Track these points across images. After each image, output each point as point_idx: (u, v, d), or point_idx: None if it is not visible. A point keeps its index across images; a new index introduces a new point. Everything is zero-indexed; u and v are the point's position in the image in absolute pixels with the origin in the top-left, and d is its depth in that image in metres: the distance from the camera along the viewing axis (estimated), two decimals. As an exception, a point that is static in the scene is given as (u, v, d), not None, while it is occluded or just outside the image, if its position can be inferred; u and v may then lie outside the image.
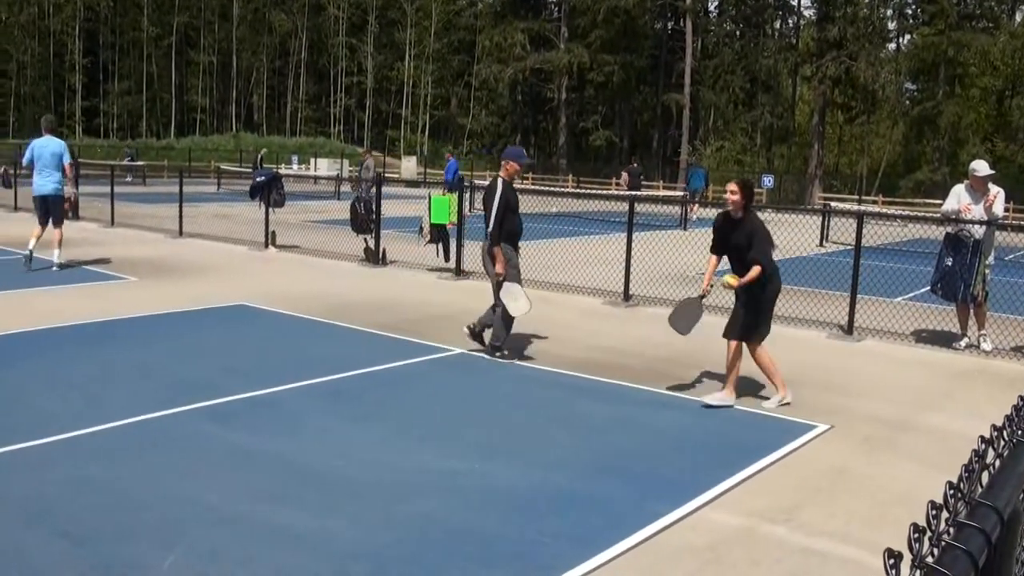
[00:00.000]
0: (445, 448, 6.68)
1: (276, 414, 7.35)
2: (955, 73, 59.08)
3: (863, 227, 12.24)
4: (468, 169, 59.51)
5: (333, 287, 14.16)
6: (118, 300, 12.28)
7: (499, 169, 10.33)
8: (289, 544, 4.96)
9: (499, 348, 9.72)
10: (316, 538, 5.06)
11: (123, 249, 17.63)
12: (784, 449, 6.93)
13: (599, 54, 67.06)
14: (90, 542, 4.89)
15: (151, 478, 5.82)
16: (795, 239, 23.11)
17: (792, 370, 9.69)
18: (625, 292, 13.63)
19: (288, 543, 4.97)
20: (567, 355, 9.93)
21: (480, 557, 4.92)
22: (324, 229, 22.25)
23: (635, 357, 9.96)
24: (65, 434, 6.59)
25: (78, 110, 79.12)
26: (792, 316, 12.69)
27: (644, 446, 6.99)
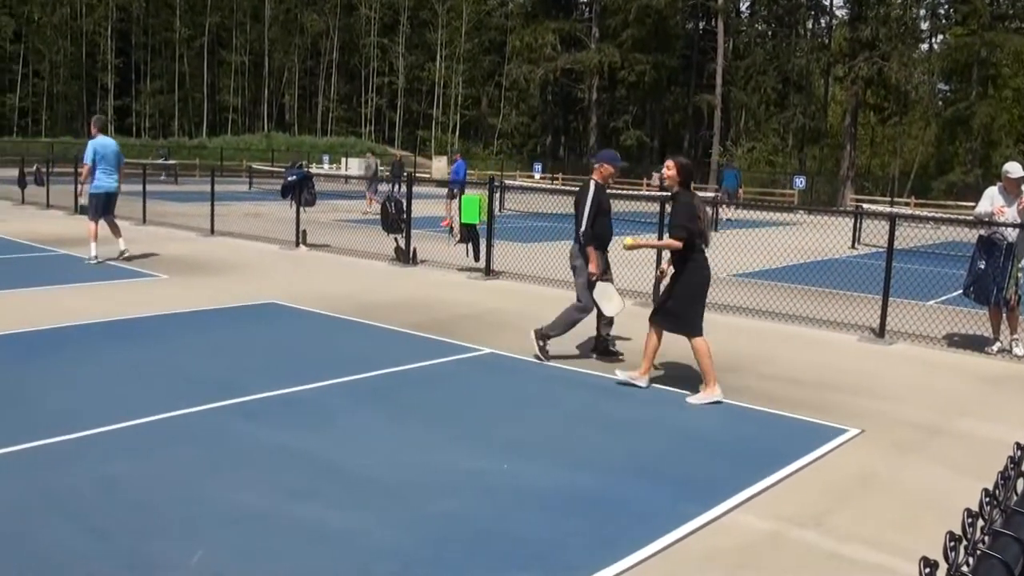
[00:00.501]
0: (474, 447, 6.67)
1: (305, 412, 7.37)
2: (988, 74, 58.54)
3: (895, 229, 12.14)
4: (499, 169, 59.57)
5: (363, 286, 14.19)
6: (149, 297, 12.36)
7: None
8: (317, 541, 4.96)
9: (547, 338, 9.66)
10: (344, 536, 5.06)
11: (154, 247, 17.74)
12: (814, 453, 6.88)
13: (630, 54, 66.94)
14: (116, 538, 4.91)
15: (180, 474, 5.85)
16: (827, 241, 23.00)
17: (823, 373, 9.63)
18: (654, 292, 13.57)
19: (316, 540, 4.97)
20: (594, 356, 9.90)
21: (507, 557, 4.91)
22: (355, 228, 22.33)
23: (663, 358, 9.91)
24: (94, 429, 6.63)
25: (110, 109, 79.76)
26: (824, 319, 12.61)
27: (672, 448, 6.95)
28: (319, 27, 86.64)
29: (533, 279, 15.19)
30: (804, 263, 19.51)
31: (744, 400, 8.35)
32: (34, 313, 10.89)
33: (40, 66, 77.24)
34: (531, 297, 13.65)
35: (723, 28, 65.79)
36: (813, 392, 8.81)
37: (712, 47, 67.92)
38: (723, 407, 8.13)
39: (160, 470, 5.92)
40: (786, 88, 67.20)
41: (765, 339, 11.41)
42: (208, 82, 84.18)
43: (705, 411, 8.00)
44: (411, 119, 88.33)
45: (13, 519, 5.09)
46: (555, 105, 79.18)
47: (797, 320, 12.56)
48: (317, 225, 21.13)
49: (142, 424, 6.83)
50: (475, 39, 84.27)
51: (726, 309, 12.92)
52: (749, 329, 12.01)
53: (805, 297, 14.39)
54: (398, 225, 17.16)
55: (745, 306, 13.28)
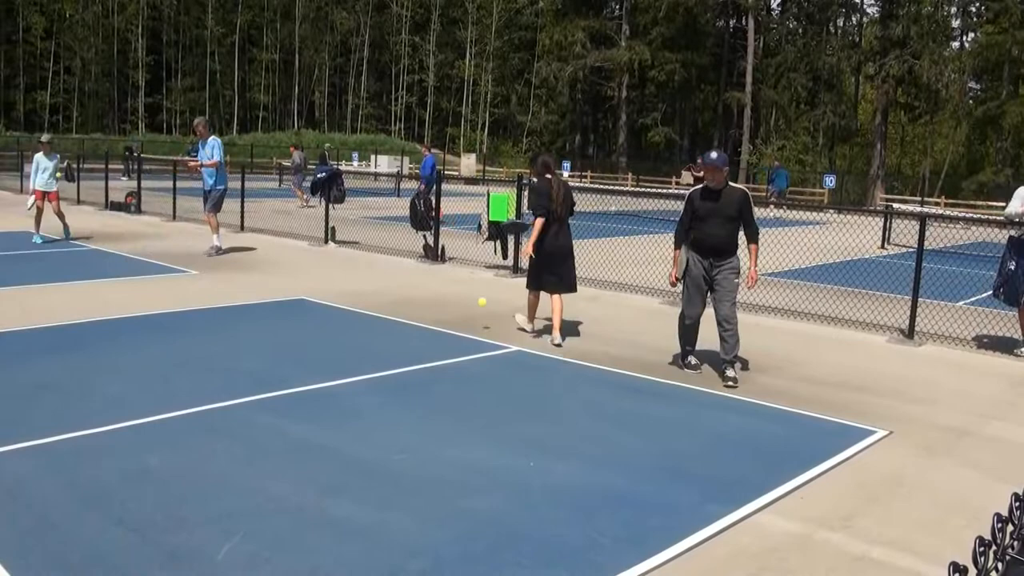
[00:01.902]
0: (503, 445, 6.69)
1: (335, 407, 7.41)
2: (1019, 73, 57.91)
3: (925, 229, 12.06)
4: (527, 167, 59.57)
5: (392, 283, 14.24)
6: (180, 293, 12.46)
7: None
8: (346, 537, 5.00)
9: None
10: (373, 531, 5.09)
11: (185, 243, 17.86)
12: (842, 455, 6.85)
13: (660, 52, 66.76)
14: (146, 529, 4.97)
15: (212, 467, 5.90)
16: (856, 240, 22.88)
17: (851, 374, 9.58)
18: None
19: (345, 536, 5.01)
20: (623, 354, 9.90)
21: (536, 555, 4.92)
22: (383, 225, 22.40)
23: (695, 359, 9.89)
24: (126, 422, 6.70)
25: (141, 106, 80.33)
26: (852, 319, 12.55)
27: (701, 447, 6.94)
28: (350, 25, 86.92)
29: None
30: (833, 263, 19.42)
31: (773, 400, 8.33)
32: (71, 307, 11.01)
33: (71, 63, 77.80)
34: (559, 295, 13.65)
35: (753, 26, 65.50)
36: (842, 393, 8.77)
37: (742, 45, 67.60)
38: (751, 407, 8.11)
39: (193, 463, 5.97)
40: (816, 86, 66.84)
41: (794, 339, 11.37)
42: (239, 79, 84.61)
43: (733, 411, 7.98)
44: (440, 117, 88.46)
45: (47, 510, 5.16)
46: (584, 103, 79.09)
47: (826, 320, 12.51)
48: (346, 222, 21.20)
49: (175, 417, 6.90)
50: (505, 37, 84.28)
51: (756, 309, 12.88)
52: (778, 329, 11.97)
53: (834, 297, 14.32)
54: (427, 223, 17.20)
55: (774, 306, 13.23)
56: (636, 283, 14.46)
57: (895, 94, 60.29)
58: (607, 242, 20.21)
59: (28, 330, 9.79)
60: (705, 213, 9.06)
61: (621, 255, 17.50)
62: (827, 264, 19.11)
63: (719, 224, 8.98)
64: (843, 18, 70.71)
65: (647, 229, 25.01)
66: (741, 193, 9.07)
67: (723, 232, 8.99)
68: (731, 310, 8.97)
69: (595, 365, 9.38)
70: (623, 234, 23.19)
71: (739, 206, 8.98)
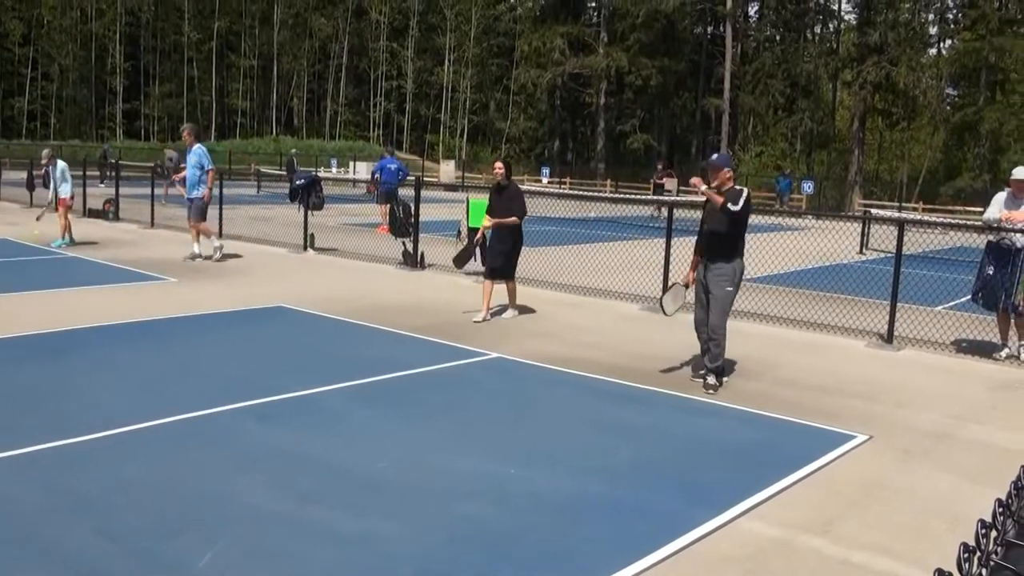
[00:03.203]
0: (485, 452, 6.69)
1: (316, 415, 7.40)
2: (996, 79, 58.34)
3: (904, 234, 12.13)
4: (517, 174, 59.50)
5: (371, 290, 14.23)
6: (158, 300, 12.41)
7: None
8: (330, 545, 4.99)
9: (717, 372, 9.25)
10: (357, 540, 5.08)
11: (163, 250, 17.79)
12: (822, 459, 6.88)
13: (638, 58, 66.84)
14: (127, 539, 4.94)
15: (193, 476, 5.88)
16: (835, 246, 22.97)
17: (830, 379, 9.63)
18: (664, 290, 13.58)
19: (329, 544, 5.00)
20: (603, 360, 9.91)
21: (521, 563, 4.92)
22: (363, 232, 22.36)
23: (672, 363, 9.93)
24: (106, 432, 6.67)
25: (119, 113, 79.87)
26: (831, 324, 12.60)
27: (681, 453, 6.97)
28: (328, 31, 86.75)
29: (541, 283, 15.20)
30: (812, 268, 19.50)
31: (752, 405, 8.36)
32: (49, 315, 10.94)
33: (49, 69, 77.37)
34: (538, 301, 13.66)
35: (731, 33, 65.73)
36: (821, 398, 8.81)
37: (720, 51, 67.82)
38: (731, 412, 8.14)
39: (174, 471, 5.95)
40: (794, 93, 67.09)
41: (773, 344, 11.42)
42: (217, 86, 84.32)
43: (713, 416, 8.01)
44: (419, 123, 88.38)
45: (29, 520, 5.13)
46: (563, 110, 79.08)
47: (805, 325, 12.56)
48: (325, 229, 21.15)
49: (156, 426, 6.87)
50: (483, 43, 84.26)
51: (734, 314, 12.89)
52: (757, 334, 12.01)
53: (813, 302, 14.38)
54: (406, 229, 17.18)
55: (753, 311, 13.28)
56: (616, 289, 14.48)
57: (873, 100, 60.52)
58: (586, 248, 20.23)
59: (6, 339, 9.72)
60: (706, 214, 9.15)
61: (601, 261, 17.52)
62: (806, 269, 19.19)
63: (713, 224, 9.00)
64: (820, 25, 71.06)
65: (626, 235, 25.03)
66: (740, 192, 8.93)
67: (713, 232, 9.00)
68: (717, 319, 8.96)
69: (575, 371, 9.39)
70: (602, 240, 23.21)
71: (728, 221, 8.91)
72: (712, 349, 8.96)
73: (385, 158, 26.54)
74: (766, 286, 16.35)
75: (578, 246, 20.72)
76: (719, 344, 8.95)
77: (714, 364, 8.97)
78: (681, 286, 9.61)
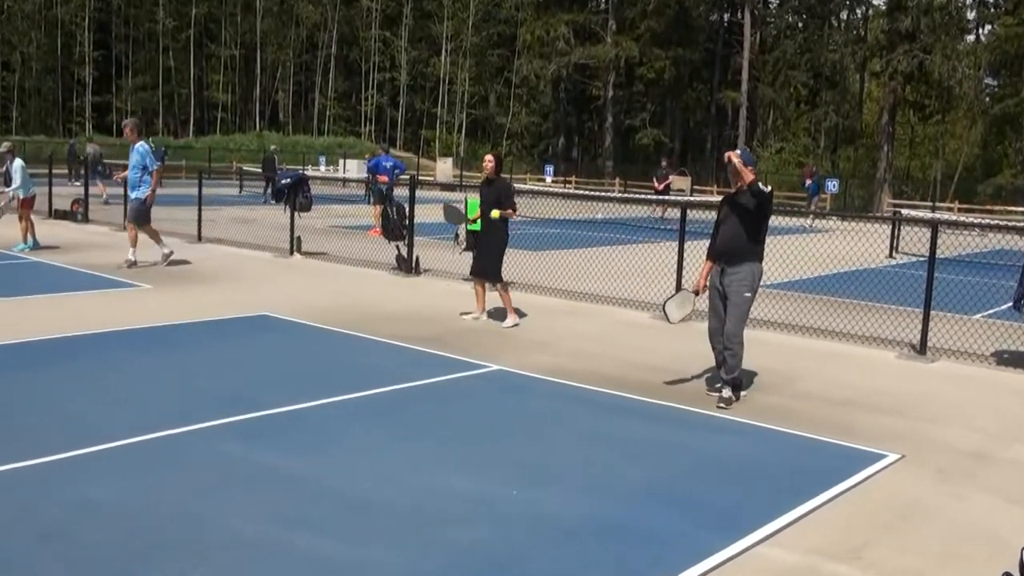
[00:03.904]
0: (484, 471, 6.68)
1: (304, 432, 7.39)
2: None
3: (937, 236, 12.11)
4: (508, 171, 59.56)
5: (363, 297, 14.23)
6: (130, 308, 12.41)
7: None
8: (318, 573, 4.97)
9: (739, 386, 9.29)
10: (348, 566, 5.07)
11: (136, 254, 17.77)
12: (850, 480, 6.86)
13: (649, 48, 66.91)
14: (95, 567, 4.93)
15: (169, 498, 5.86)
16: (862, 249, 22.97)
17: (859, 393, 9.61)
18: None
19: (316, 572, 4.98)
20: (611, 373, 9.90)
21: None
22: (353, 235, 22.37)
23: (685, 375, 9.92)
24: (78, 450, 6.65)
25: (88, 106, 79.76)
26: (859, 334, 12.59)
27: (695, 473, 6.95)
28: (316, 19, 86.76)
29: (545, 290, 15.20)
30: (837, 273, 19.49)
31: (773, 422, 8.34)
32: (11, 325, 10.92)
33: (10, 58, 76.79)
34: (542, 310, 13.66)
35: (750, 20, 65.80)
36: (848, 413, 8.79)
37: (738, 40, 67.95)
38: (748, 428, 8.13)
39: (147, 494, 5.93)
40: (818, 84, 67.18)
41: (795, 356, 11.40)
42: (195, 77, 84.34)
43: (730, 433, 8.00)
44: (414, 118, 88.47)
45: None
46: (568, 103, 79.21)
47: (830, 335, 12.55)
48: (313, 231, 21.17)
49: (127, 445, 6.85)
50: (483, 32, 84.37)
51: (753, 322, 12.91)
52: (778, 345, 12.00)
53: (838, 310, 14.37)
54: (399, 232, 17.18)
55: (774, 319, 13.27)
56: (625, 296, 14.47)
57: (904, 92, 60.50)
58: (593, 252, 20.23)
59: (-34, 350, 9.72)
60: (723, 214, 9.12)
61: (608, 266, 17.52)
62: (830, 274, 19.18)
63: (731, 226, 8.97)
64: (847, 11, 71.10)
65: (636, 238, 25.04)
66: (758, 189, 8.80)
67: (731, 232, 8.96)
68: (734, 327, 8.93)
69: (581, 384, 9.38)
70: (611, 243, 23.23)
71: (755, 205, 8.84)
72: (728, 360, 8.93)
73: (380, 156, 26.53)
74: (787, 292, 16.34)
75: (584, 250, 20.72)
76: (735, 354, 8.93)
77: (729, 376, 8.95)
78: (690, 293, 9.61)
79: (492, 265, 12.51)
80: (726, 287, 8.99)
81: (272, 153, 40.96)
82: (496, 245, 12.50)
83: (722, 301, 9.07)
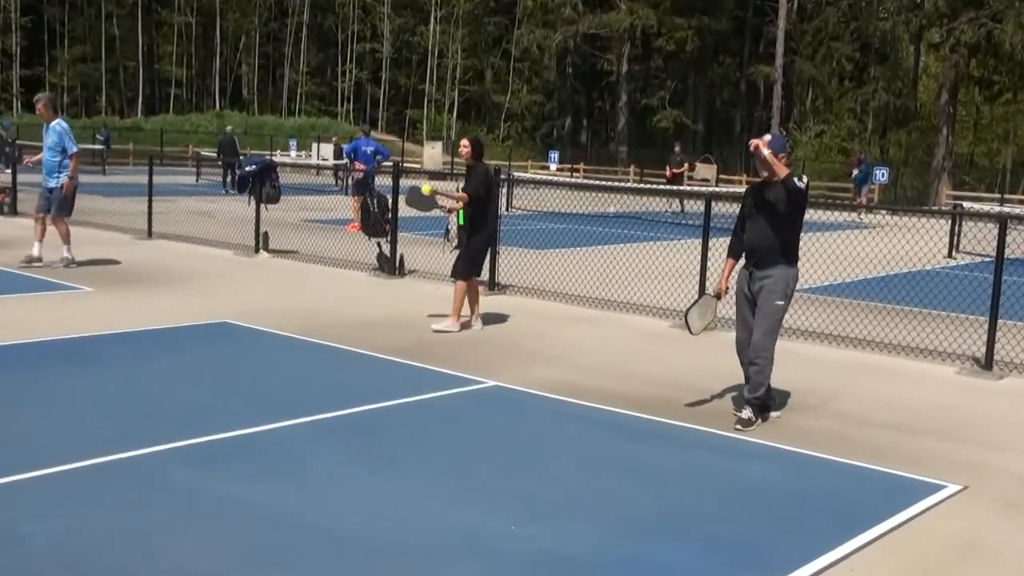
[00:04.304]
0: (481, 502, 6.67)
1: (272, 457, 7.38)
2: None
3: (1006, 233, 12.07)
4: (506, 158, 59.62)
5: (339, 302, 14.23)
6: (70, 315, 12.40)
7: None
8: (283, 621, 4.97)
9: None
10: (316, 615, 5.06)
11: (76, 252, 17.75)
12: (903, 514, 6.84)
13: (669, 16, 66.96)
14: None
15: (110, 534, 5.83)
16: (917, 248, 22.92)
17: (913, 414, 9.60)
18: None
19: (282, 620, 4.98)
20: (625, 390, 9.90)
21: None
22: (328, 230, 22.36)
23: (709, 393, 9.90)
24: (3, 478, 6.62)
25: (16, 80, 79.47)
26: (913, 345, 12.57)
27: (723, 505, 6.93)
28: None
29: (548, 294, 15.19)
30: (887, 276, 19.49)
31: (812, 447, 8.33)
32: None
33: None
34: (546, 316, 13.66)
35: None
36: (899, 437, 8.78)
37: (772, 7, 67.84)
38: (783, 455, 8.11)
39: (89, 528, 5.91)
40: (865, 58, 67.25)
41: (838, 370, 11.39)
42: (144, 48, 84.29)
43: (762, 460, 7.99)
44: (398, 96, 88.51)
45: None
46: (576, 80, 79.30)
47: (878, 347, 12.53)
48: (282, 226, 21.16)
49: (68, 472, 6.83)
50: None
51: (789, 333, 12.90)
52: (817, 358, 11.99)
53: (889, 318, 14.36)
54: (382, 227, 17.16)
55: (812, 329, 13.26)
56: (640, 301, 14.46)
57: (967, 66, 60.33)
58: (604, 251, 20.22)
59: None
60: (749, 208, 9.11)
61: (622, 267, 17.50)
62: (879, 277, 19.18)
63: (759, 222, 8.95)
64: (899, -28, 71.08)
65: (654, 235, 25.02)
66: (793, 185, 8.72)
67: (759, 231, 8.93)
68: (763, 338, 8.89)
69: (590, 403, 9.36)
70: (624, 240, 23.22)
71: (788, 201, 8.77)
72: (753, 376, 8.88)
73: (359, 139, 26.49)
74: (829, 298, 16.33)
75: (594, 248, 20.72)
76: (761, 370, 8.88)
77: (753, 394, 8.89)
78: (712, 297, 9.62)
79: (464, 261, 12.55)
80: (755, 293, 8.97)
81: (230, 134, 40.95)
82: (478, 241, 12.66)
83: (751, 308, 9.05)
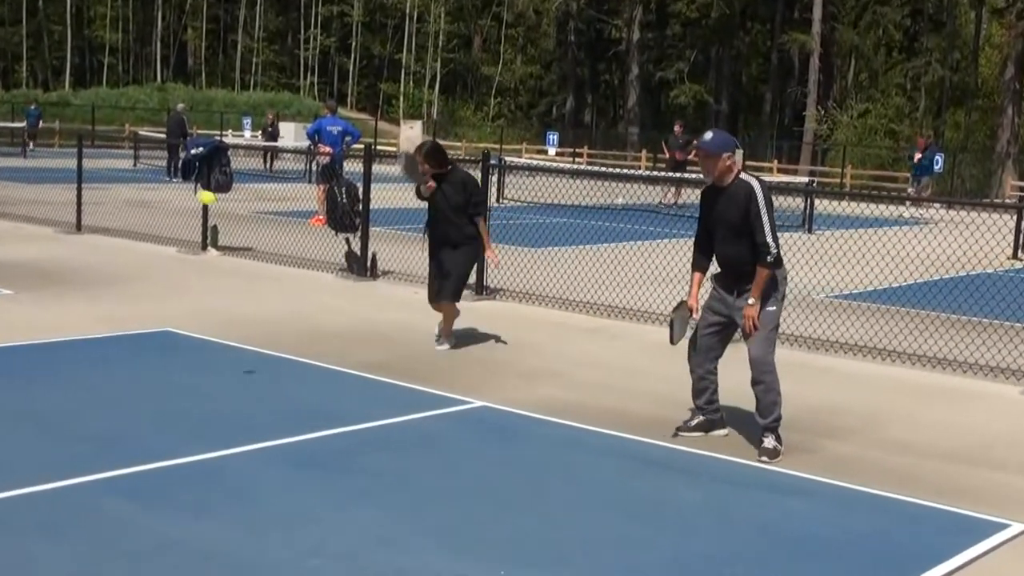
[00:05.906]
0: (465, 544, 6.67)
1: (217, 489, 7.38)
2: None
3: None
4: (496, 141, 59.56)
5: (300, 308, 14.23)
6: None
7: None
8: None
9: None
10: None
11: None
12: (960, 557, 6.84)
13: (689, -25, 67.01)
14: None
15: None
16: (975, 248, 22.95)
17: (970, 440, 9.61)
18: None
19: None
20: (633, 411, 9.92)
21: None
22: (289, 224, 22.35)
23: (731, 416, 9.90)
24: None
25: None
26: (971, 361, 12.56)
27: (748, 547, 6.94)
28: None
29: (547, 300, 15.20)
30: (940, 279, 19.49)
31: (851, 479, 8.33)
32: None
33: None
34: (544, 325, 13.67)
35: (825, -62, 65.88)
36: (954, 468, 8.80)
37: (809, -35, 68.04)
38: (819, 487, 8.12)
39: (8, 571, 5.91)
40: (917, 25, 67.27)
41: (882, 390, 11.40)
42: (73, 11, 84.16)
43: (794, 493, 8.00)
44: (371, 67, 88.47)
45: None
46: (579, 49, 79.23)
47: (931, 363, 12.54)
48: (234, 219, 21.15)
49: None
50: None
51: (823, 345, 12.91)
52: (859, 375, 12.00)
53: (943, 329, 14.36)
54: (351, 221, 17.14)
55: (850, 341, 13.27)
56: (651, 308, 14.43)
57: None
58: (610, 249, 20.22)
59: None
60: (711, 221, 9.05)
61: (630, 268, 17.49)
62: (932, 281, 19.18)
63: (725, 236, 8.90)
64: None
65: (667, 231, 25.05)
66: (746, 190, 8.71)
67: (731, 249, 8.88)
68: (760, 351, 8.83)
69: (593, 427, 9.36)
70: (633, 238, 23.25)
71: (742, 209, 8.71)
72: (761, 397, 8.86)
73: (324, 117, 26.46)
74: (871, 305, 16.36)
75: (599, 246, 20.71)
76: (768, 388, 8.84)
77: (769, 419, 8.85)
78: (686, 308, 9.59)
79: (455, 282, 12.14)
80: (735, 314, 8.94)
81: (180, 113, 40.94)
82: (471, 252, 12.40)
83: (722, 328, 9.08)
